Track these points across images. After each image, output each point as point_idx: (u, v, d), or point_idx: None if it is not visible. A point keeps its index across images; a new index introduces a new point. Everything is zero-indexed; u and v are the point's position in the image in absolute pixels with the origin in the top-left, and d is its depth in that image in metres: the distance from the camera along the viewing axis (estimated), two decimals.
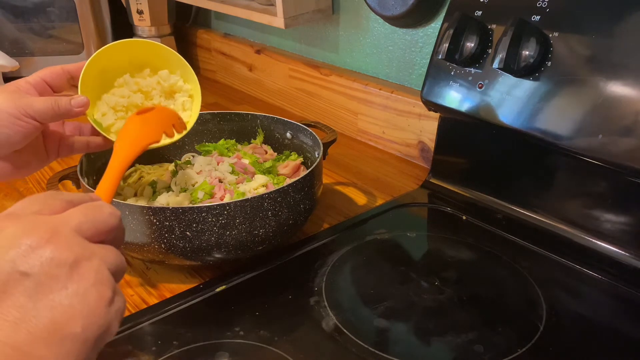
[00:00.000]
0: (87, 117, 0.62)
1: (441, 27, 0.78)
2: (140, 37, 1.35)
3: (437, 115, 0.84)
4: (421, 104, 0.83)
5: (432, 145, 0.89)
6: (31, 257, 0.34)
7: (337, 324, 0.59)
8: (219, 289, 0.64)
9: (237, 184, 0.72)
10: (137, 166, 0.78)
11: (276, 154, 0.83)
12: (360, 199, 0.86)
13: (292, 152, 0.82)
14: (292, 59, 1.18)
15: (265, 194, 0.63)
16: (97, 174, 0.73)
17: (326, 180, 0.90)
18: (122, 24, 1.35)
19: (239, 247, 0.64)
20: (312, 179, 0.69)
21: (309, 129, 0.79)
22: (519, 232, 0.72)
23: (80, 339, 0.34)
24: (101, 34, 1.33)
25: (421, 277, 0.66)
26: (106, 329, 0.35)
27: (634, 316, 0.60)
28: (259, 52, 1.26)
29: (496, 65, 0.67)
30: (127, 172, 0.75)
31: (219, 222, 0.61)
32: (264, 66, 1.26)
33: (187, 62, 0.67)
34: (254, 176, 0.74)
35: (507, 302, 0.62)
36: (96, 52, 0.62)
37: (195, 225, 0.61)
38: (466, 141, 0.82)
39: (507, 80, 0.70)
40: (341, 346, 0.56)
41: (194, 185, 0.72)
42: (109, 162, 0.55)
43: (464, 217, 0.78)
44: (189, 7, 1.39)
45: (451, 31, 0.72)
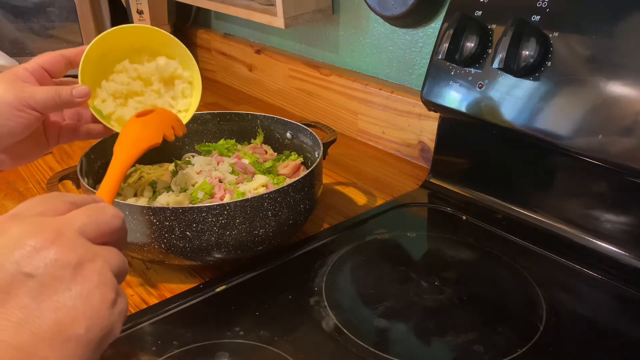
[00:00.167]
0: (87, 104, 0.62)
1: (441, 27, 0.78)
2: None
3: (437, 115, 0.84)
4: (421, 104, 0.83)
5: (432, 145, 0.89)
6: (35, 258, 0.34)
7: (337, 324, 0.59)
8: (219, 289, 0.64)
9: (237, 184, 0.72)
10: (137, 166, 0.78)
11: (276, 154, 0.83)
12: (360, 199, 0.86)
13: (292, 152, 0.82)
14: (292, 59, 1.18)
15: (265, 194, 0.63)
16: (97, 174, 0.74)
17: (326, 180, 0.90)
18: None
19: (239, 247, 0.64)
20: (312, 179, 0.69)
21: (309, 129, 0.79)
22: (519, 232, 0.72)
23: (83, 340, 0.34)
24: None
25: (421, 277, 0.66)
26: (109, 330, 0.36)
27: (634, 316, 0.60)
28: (259, 52, 1.26)
29: (496, 65, 0.67)
30: (127, 172, 0.75)
31: (219, 222, 0.61)
32: (264, 66, 1.26)
33: None
34: (254, 176, 0.74)
35: (507, 302, 0.62)
36: (97, 37, 0.62)
37: (195, 225, 0.61)
38: (466, 141, 0.82)
39: (507, 80, 0.70)
40: (341, 346, 0.56)
41: (194, 185, 0.72)
42: (109, 162, 0.55)
43: (464, 217, 0.78)
44: (189, 7, 1.39)
45: (451, 31, 0.72)
